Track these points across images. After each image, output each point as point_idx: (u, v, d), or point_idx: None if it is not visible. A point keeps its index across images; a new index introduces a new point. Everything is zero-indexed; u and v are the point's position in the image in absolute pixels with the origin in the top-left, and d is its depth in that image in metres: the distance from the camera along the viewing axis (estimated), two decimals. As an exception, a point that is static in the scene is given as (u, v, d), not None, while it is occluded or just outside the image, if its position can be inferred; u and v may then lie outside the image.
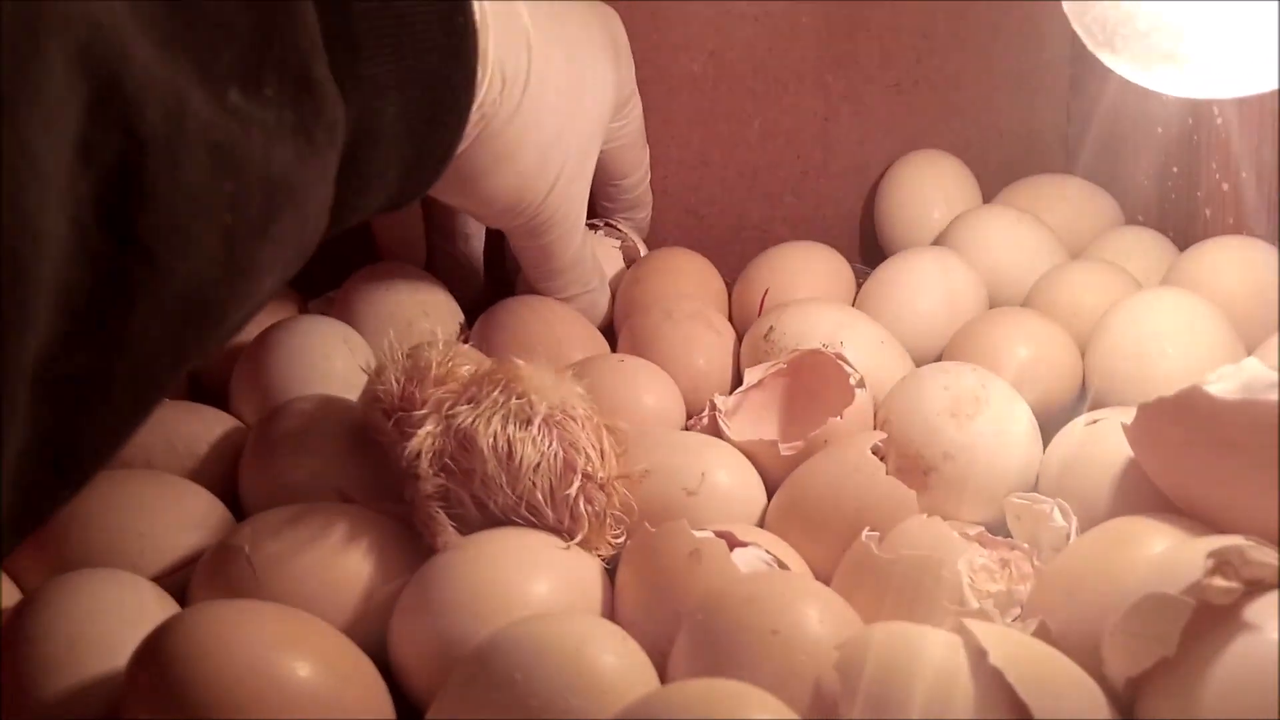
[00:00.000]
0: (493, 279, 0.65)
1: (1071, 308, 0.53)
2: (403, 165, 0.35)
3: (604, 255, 0.62)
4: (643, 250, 0.64)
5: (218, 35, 0.24)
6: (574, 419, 0.41)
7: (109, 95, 0.21)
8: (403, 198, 0.38)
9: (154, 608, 0.36)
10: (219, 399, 0.53)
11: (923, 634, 0.28)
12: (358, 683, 0.32)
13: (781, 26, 0.69)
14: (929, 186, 0.67)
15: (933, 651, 0.28)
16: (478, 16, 0.36)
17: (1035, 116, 0.72)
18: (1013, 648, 0.28)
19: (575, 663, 0.29)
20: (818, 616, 0.31)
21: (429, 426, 0.40)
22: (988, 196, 0.68)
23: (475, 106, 0.39)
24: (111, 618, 0.34)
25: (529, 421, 0.40)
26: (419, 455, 0.39)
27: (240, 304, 0.26)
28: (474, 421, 0.40)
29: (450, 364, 0.42)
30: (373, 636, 0.36)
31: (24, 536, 0.23)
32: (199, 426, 0.48)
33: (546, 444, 0.40)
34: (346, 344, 0.52)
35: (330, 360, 0.51)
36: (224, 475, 0.47)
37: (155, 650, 0.30)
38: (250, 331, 0.54)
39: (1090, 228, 0.63)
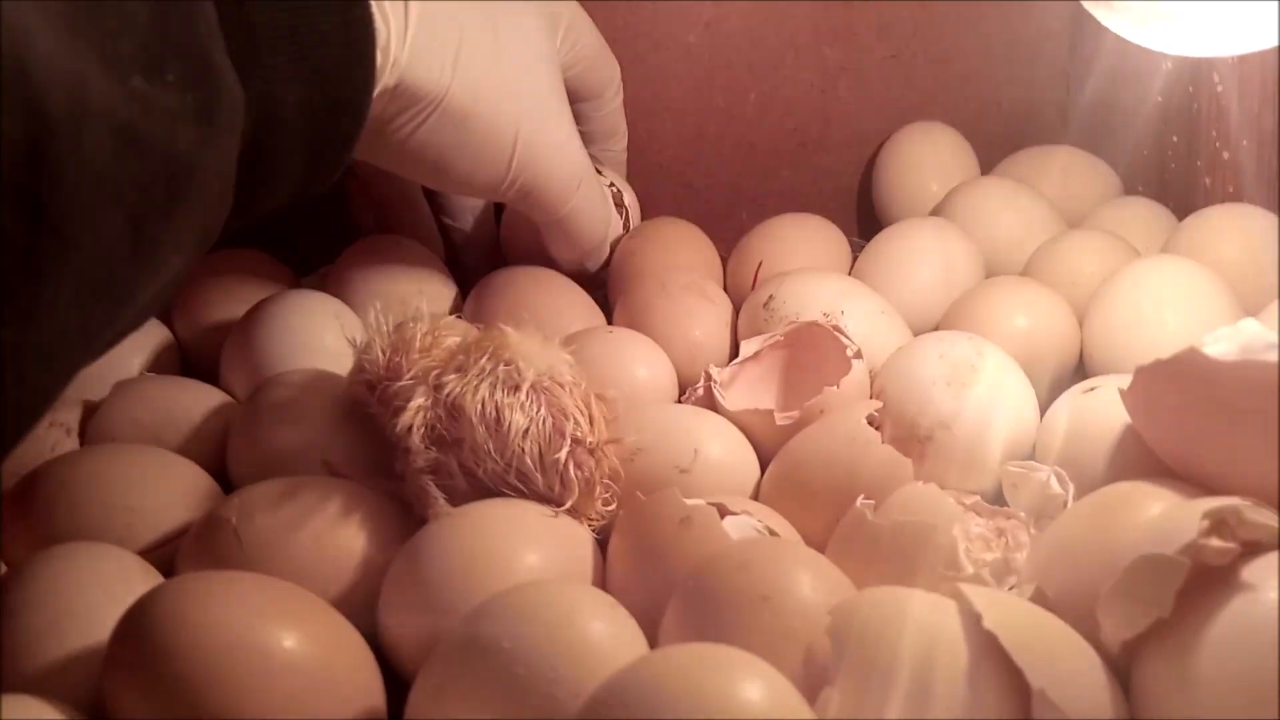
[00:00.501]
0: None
1: (1070, 277, 0.52)
2: (307, 152, 0.36)
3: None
4: (627, 195, 0.62)
5: (119, 25, 0.25)
6: (562, 385, 0.40)
7: (15, 81, 0.22)
8: (312, 185, 0.39)
9: (139, 581, 0.35)
10: (209, 374, 0.52)
11: (914, 597, 0.28)
12: (345, 653, 0.32)
13: (778, -5, 0.68)
14: (927, 158, 0.67)
15: (925, 615, 0.27)
16: (376, 12, 0.37)
17: (1034, 87, 0.71)
18: (1007, 612, 0.28)
19: (564, 630, 0.29)
20: (810, 582, 0.30)
21: (419, 400, 0.39)
22: (986, 168, 0.68)
23: (382, 92, 0.40)
24: (96, 591, 0.34)
25: (517, 388, 0.40)
26: (410, 429, 0.39)
27: (148, 281, 0.28)
28: (462, 390, 0.39)
29: (435, 335, 0.41)
30: (363, 610, 0.36)
31: None
32: (189, 401, 0.48)
33: (535, 409, 0.39)
34: (338, 319, 0.52)
35: (321, 335, 0.50)
36: (214, 450, 0.46)
37: (137, 621, 0.30)
38: (241, 306, 0.54)
39: (1089, 198, 0.62)
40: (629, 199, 0.62)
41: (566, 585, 0.33)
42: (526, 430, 0.39)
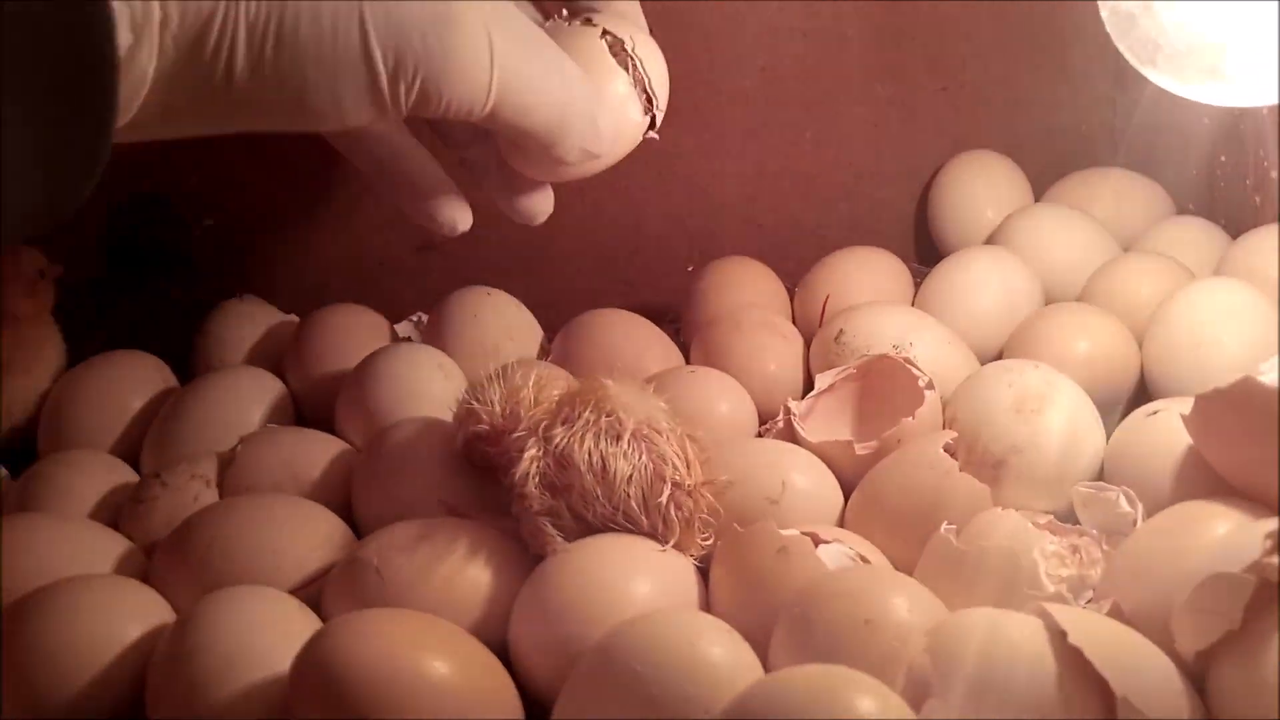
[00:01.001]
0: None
1: (1127, 300, 0.55)
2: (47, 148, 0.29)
3: (592, 62, 0.42)
4: (639, 45, 0.43)
5: None
6: (659, 432, 0.44)
7: None
8: (62, 187, 0.31)
9: (298, 620, 0.40)
10: (323, 422, 0.57)
11: (1006, 618, 0.31)
12: (490, 677, 0.36)
13: (830, 39, 0.72)
14: (980, 186, 0.69)
15: (1016, 633, 0.31)
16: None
17: (1081, 112, 0.74)
18: (1089, 628, 0.31)
19: (690, 655, 0.33)
20: (907, 606, 0.34)
21: (531, 450, 0.43)
22: (1038, 193, 0.70)
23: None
24: (264, 630, 0.38)
25: (619, 437, 0.43)
26: (526, 477, 0.43)
27: None
28: (569, 441, 0.43)
29: (540, 388, 0.45)
30: (494, 637, 0.40)
31: None
32: (313, 449, 0.52)
33: (637, 457, 0.43)
34: (441, 369, 0.56)
35: (428, 385, 0.55)
36: (339, 494, 0.51)
37: (314, 656, 0.34)
38: (347, 357, 0.59)
39: (1141, 218, 0.65)
40: (644, 49, 0.44)
41: (687, 614, 0.37)
42: (630, 477, 0.43)
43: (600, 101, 0.41)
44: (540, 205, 0.46)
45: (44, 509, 0.51)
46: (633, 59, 0.43)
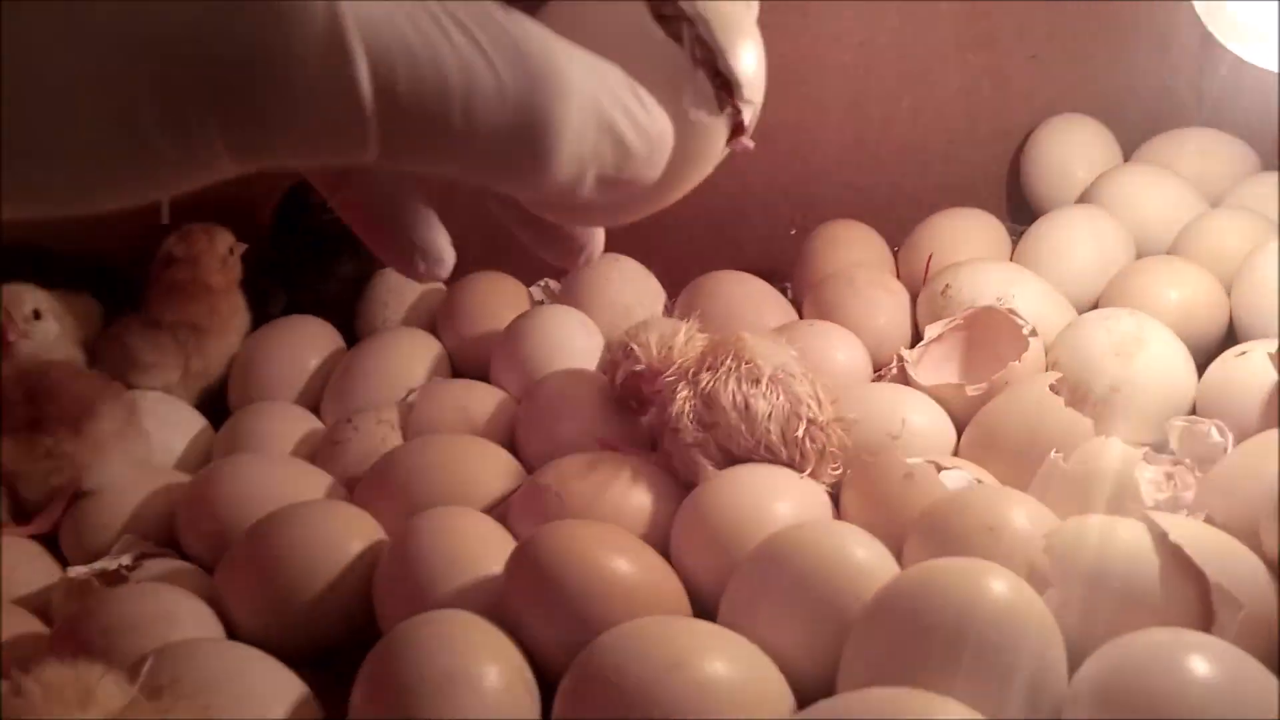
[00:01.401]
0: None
1: (1215, 253, 0.59)
2: None
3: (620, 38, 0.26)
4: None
5: None
6: (793, 376, 0.50)
7: None
8: None
9: (495, 532, 0.47)
10: (478, 375, 0.64)
11: (1115, 522, 0.37)
12: (664, 576, 0.43)
13: (923, 12, 0.76)
14: (1070, 147, 0.74)
15: (1124, 534, 0.36)
16: None
17: (1168, 73, 0.77)
18: (1188, 530, 0.37)
19: (839, 555, 0.39)
20: (1025, 515, 0.40)
21: (683, 393, 0.50)
22: (1127, 153, 0.74)
23: None
24: (472, 541, 0.46)
25: (758, 381, 0.50)
26: (680, 415, 0.49)
27: None
28: (715, 385, 0.50)
29: (689, 338, 0.52)
30: (655, 549, 0.47)
31: None
32: (477, 398, 0.60)
33: (775, 397, 0.49)
34: (584, 327, 0.63)
35: (574, 341, 0.62)
36: (502, 435, 0.58)
37: (529, 556, 0.41)
38: (494, 319, 0.66)
39: (1228, 175, 0.69)
40: (718, 18, 0.27)
41: (833, 524, 0.43)
42: (770, 414, 0.49)
43: (628, 99, 0.23)
44: (573, 252, 0.29)
45: (251, 451, 0.59)
46: (694, 30, 0.26)
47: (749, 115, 0.26)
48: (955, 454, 0.52)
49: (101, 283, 0.70)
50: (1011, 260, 0.65)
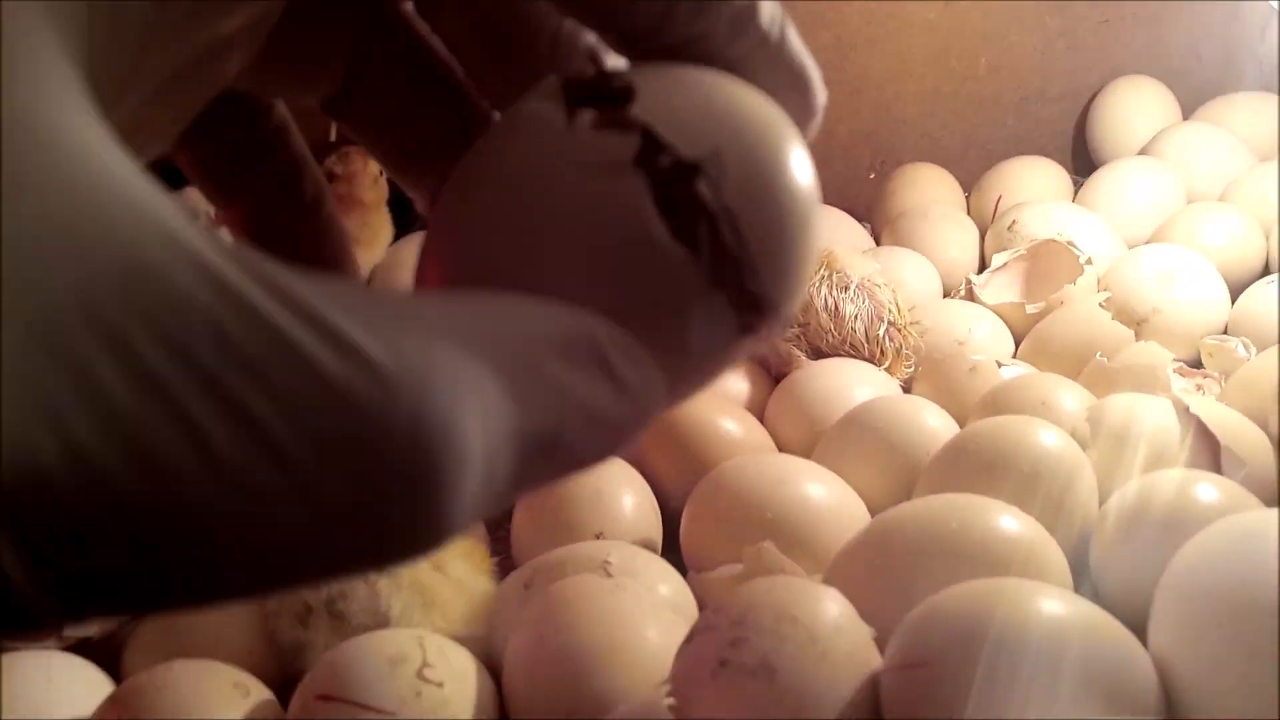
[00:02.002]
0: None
1: (1259, 202, 0.66)
2: None
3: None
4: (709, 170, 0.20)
5: None
6: (877, 285, 0.59)
7: None
8: None
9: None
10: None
11: (1143, 398, 0.45)
12: (764, 437, 0.52)
13: (1006, -25, 0.83)
14: (1135, 107, 0.80)
15: (1152, 407, 0.44)
16: None
17: (1230, 41, 0.83)
18: (1206, 406, 0.45)
19: (915, 420, 0.48)
20: (1073, 397, 0.48)
21: (781, 291, 0.58)
22: (1187, 114, 0.81)
23: None
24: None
25: (846, 287, 0.58)
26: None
27: None
28: (809, 289, 0.58)
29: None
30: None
31: None
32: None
33: (861, 302, 0.58)
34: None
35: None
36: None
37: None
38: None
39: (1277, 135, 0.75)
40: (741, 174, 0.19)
41: (908, 396, 0.52)
42: (855, 316, 0.58)
43: (582, 374, 0.17)
44: None
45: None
46: (718, 229, 0.18)
47: (776, 301, 0.19)
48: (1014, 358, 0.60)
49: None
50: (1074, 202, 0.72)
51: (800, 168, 0.19)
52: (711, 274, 0.17)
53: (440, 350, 0.14)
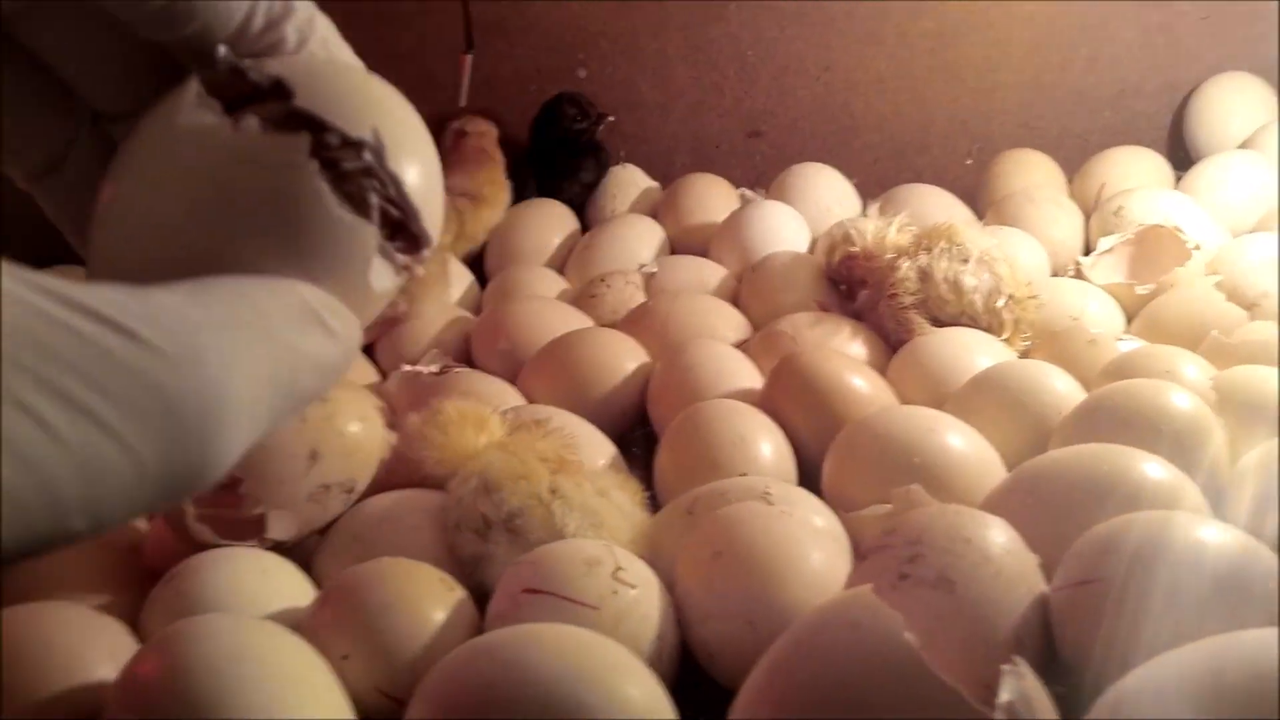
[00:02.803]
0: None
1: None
2: None
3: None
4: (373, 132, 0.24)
5: None
6: (996, 259, 0.61)
7: None
8: None
9: (743, 359, 0.59)
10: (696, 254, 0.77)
11: (1264, 370, 0.47)
12: (889, 393, 0.55)
13: (1108, -31, 0.85)
14: (1233, 104, 0.82)
15: (1269, 378, 0.47)
16: None
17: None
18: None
19: (1044, 382, 0.50)
20: (1194, 366, 0.50)
21: (904, 266, 0.61)
22: (1287, 110, 0.82)
23: None
24: (730, 359, 0.58)
25: (966, 260, 0.61)
26: (901, 282, 0.61)
27: None
28: (931, 261, 0.61)
29: (900, 228, 0.63)
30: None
31: None
32: (707, 271, 0.72)
33: (981, 274, 0.60)
34: (795, 219, 0.75)
35: (788, 230, 0.74)
36: (728, 299, 0.70)
37: (789, 369, 0.53)
38: (709, 213, 0.78)
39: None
40: (392, 129, 0.25)
41: (1035, 361, 0.54)
42: (975, 288, 0.60)
43: (308, 335, 0.21)
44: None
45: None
46: (384, 190, 0.23)
47: (429, 238, 0.24)
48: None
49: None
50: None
51: (425, 132, 0.24)
52: (384, 226, 0.23)
53: (204, 331, 0.18)
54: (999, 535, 0.36)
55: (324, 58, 0.25)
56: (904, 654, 0.28)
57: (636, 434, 0.59)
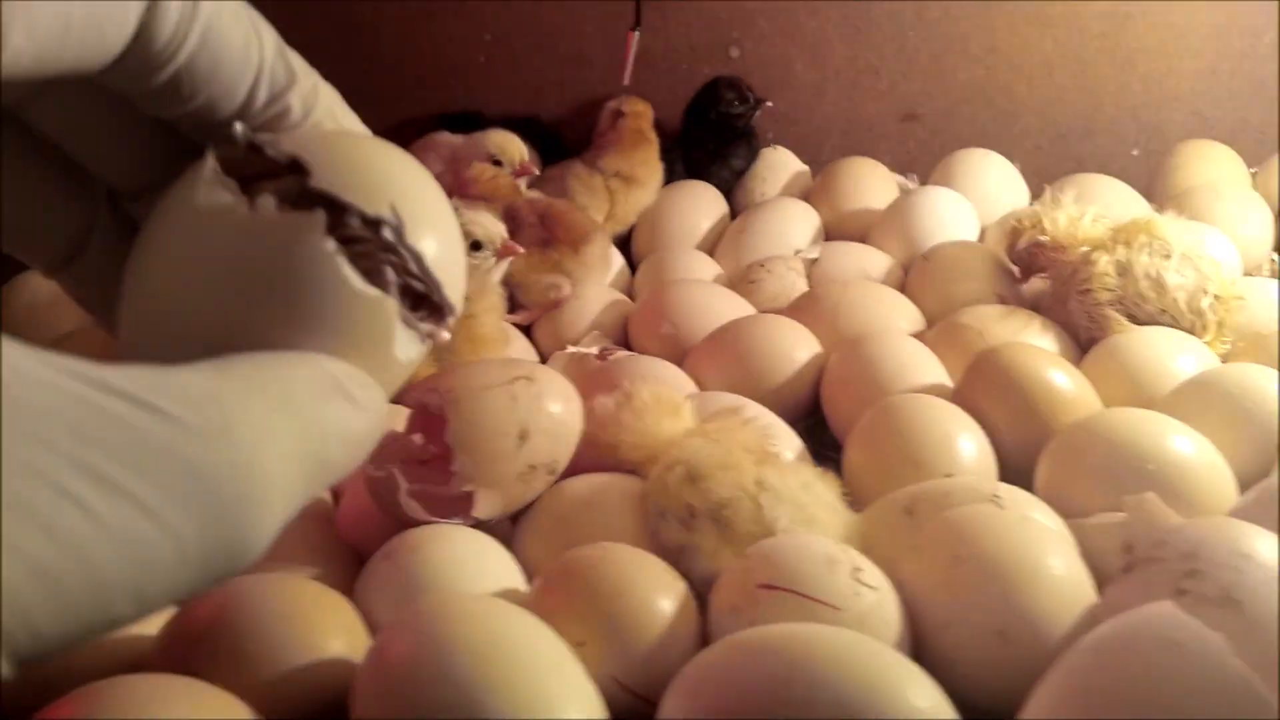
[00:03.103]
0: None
1: None
2: None
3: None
4: (393, 214, 0.24)
5: None
6: (1200, 256, 0.58)
7: None
8: None
9: (923, 350, 0.57)
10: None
11: None
12: (1090, 392, 0.52)
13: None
14: None
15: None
16: None
17: None
18: None
19: (1267, 390, 0.47)
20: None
21: (1101, 261, 0.58)
22: None
23: None
24: (911, 351, 0.56)
25: (1169, 256, 0.58)
26: (1096, 277, 0.58)
27: None
28: (1130, 256, 0.58)
29: (1095, 218, 0.60)
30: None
31: None
32: (872, 259, 0.70)
33: (1185, 271, 0.57)
34: (962, 206, 0.73)
35: (957, 217, 0.72)
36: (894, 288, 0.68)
37: (987, 364, 0.51)
38: (869, 198, 0.76)
39: None
40: (409, 203, 0.25)
41: (1256, 367, 0.51)
42: (1179, 286, 0.57)
43: (335, 409, 0.22)
44: None
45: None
46: (404, 265, 0.24)
47: (451, 309, 0.24)
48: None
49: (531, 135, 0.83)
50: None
51: (442, 197, 0.25)
52: (406, 297, 0.23)
53: (232, 406, 0.18)
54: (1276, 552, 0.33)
55: (334, 130, 0.25)
56: (1234, 677, 0.26)
57: (800, 425, 0.57)
